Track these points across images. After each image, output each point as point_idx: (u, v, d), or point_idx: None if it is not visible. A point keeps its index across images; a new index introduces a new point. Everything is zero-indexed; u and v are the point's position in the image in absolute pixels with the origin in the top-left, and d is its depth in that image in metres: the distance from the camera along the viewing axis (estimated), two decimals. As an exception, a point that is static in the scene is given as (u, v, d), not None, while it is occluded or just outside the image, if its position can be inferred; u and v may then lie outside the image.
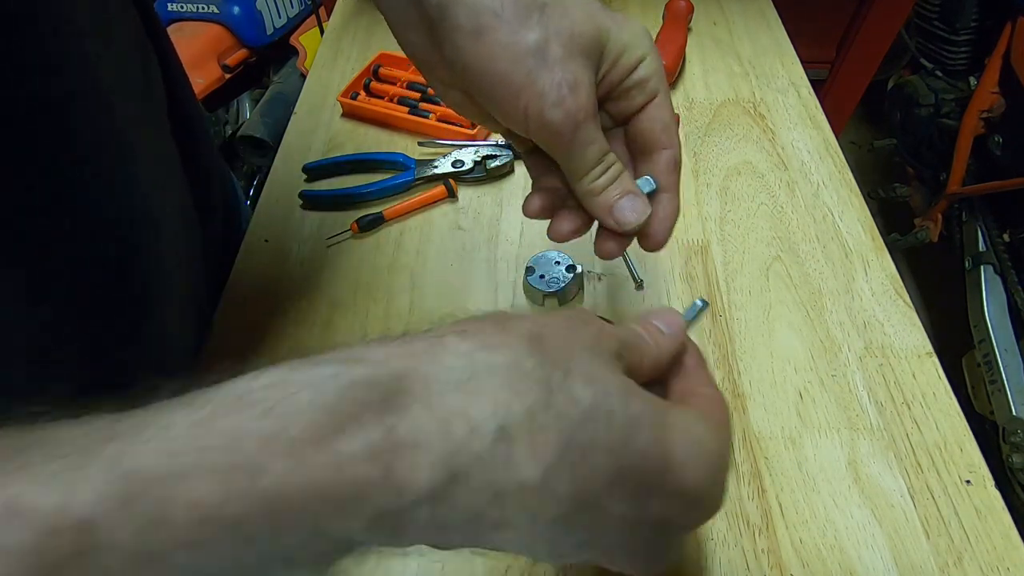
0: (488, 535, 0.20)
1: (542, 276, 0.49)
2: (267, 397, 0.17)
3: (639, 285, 0.51)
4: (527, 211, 0.34)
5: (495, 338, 0.20)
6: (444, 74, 0.31)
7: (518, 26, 0.27)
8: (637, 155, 0.33)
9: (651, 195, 0.32)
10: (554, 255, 0.50)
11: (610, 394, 0.21)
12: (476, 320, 0.22)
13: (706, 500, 0.22)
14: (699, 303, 0.31)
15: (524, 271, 0.50)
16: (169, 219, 0.41)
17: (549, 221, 0.34)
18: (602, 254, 0.34)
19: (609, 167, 0.31)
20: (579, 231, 0.34)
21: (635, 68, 0.30)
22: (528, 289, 0.50)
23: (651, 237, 0.33)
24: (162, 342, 0.41)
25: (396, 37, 0.32)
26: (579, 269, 0.49)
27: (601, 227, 0.33)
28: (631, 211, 0.31)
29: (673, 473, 0.21)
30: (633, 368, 0.24)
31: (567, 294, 0.49)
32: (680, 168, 0.32)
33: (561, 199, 0.34)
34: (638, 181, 0.32)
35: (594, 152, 0.30)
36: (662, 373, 0.27)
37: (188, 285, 0.44)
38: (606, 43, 0.29)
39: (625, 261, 0.51)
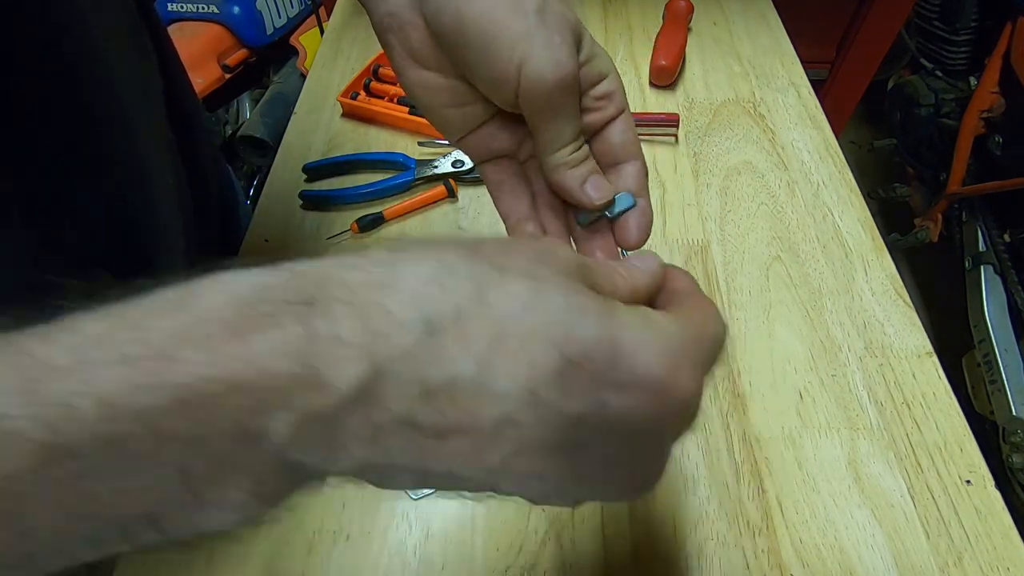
0: (433, 450, 0.19)
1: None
2: (181, 296, 0.17)
3: None
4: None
5: (423, 250, 0.20)
6: (422, 40, 0.29)
7: None
8: (605, 167, 0.32)
9: (626, 211, 0.32)
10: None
11: (548, 289, 0.19)
12: (411, 239, 0.21)
13: (673, 393, 0.20)
14: (626, 197, 0.31)
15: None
16: (163, 216, 0.41)
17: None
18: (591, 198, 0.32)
19: (582, 146, 0.30)
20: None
21: (601, 79, 0.30)
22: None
23: (632, 234, 0.32)
24: None
25: (370, 11, 0.31)
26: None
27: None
28: (601, 187, 0.31)
29: (625, 361, 0.19)
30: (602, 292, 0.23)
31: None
32: (646, 174, 0.32)
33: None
34: (618, 196, 0.31)
35: (575, 127, 0.30)
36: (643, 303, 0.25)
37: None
38: (582, 38, 0.29)
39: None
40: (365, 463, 0.19)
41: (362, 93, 0.67)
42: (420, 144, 0.63)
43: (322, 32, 0.82)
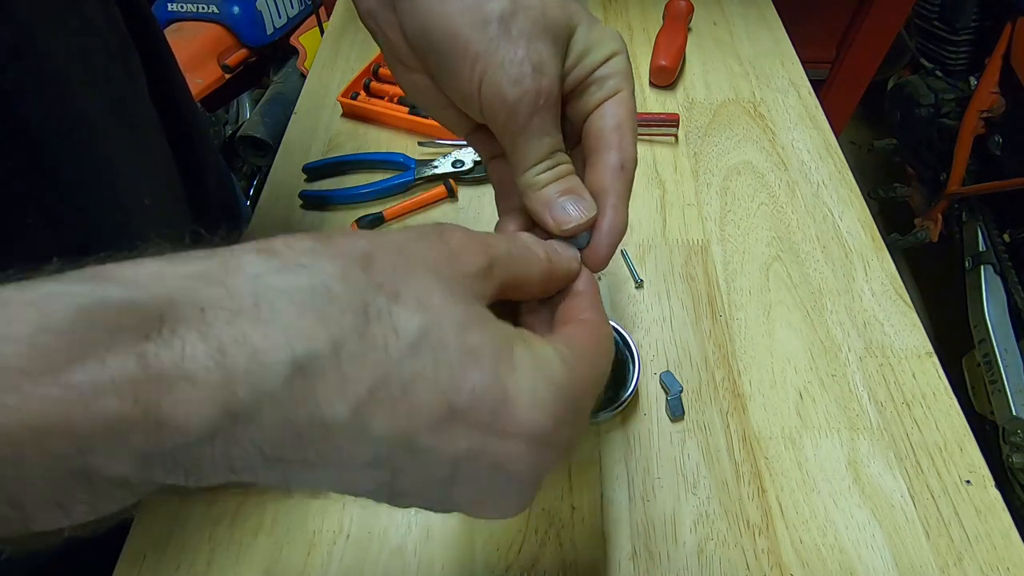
0: (302, 475, 0.18)
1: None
2: None
3: (639, 284, 0.51)
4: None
5: (306, 257, 0.18)
6: (401, 42, 0.28)
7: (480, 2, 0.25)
8: (586, 159, 0.29)
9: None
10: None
11: (443, 324, 0.18)
12: (294, 236, 0.19)
13: (554, 443, 0.20)
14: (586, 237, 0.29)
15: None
16: (152, 220, 0.41)
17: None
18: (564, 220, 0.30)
19: (558, 164, 0.28)
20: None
21: (601, 64, 0.28)
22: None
23: (591, 251, 0.28)
24: None
25: (356, 5, 0.30)
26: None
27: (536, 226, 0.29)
28: (572, 210, 0.27)
29: (512, 412, 0.19)
30: (516, 284, 0.23)
31: (567, 294, 0.49)
32: (630, 175, 0.28)
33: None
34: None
35: (545, 145, 0.27)
36: (554, 291, 0.25)
37: None
38: (573, 34, 0.27)
39: (624, 260, 0.51)
40: (227, 480, 0.17)
41: (362, 93, 0.67)
42: (420, 144, 0.63)
43: (322, 32, 0.83)
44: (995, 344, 1.20)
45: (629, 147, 0.28)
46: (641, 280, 0.51)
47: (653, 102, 0.67)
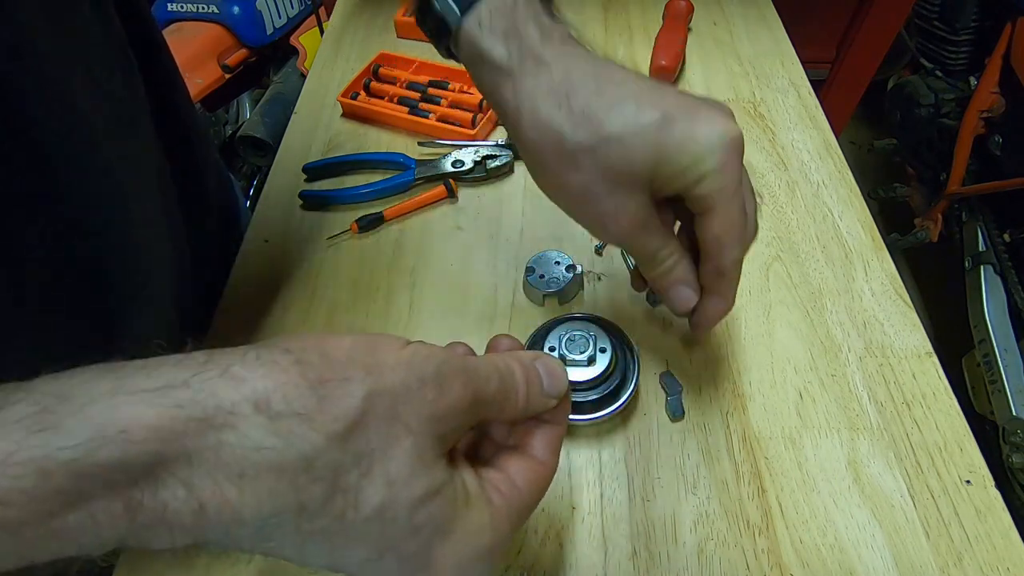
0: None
1: (542, 276, 0.49)
2: None
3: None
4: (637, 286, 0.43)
5: (299, 424, 0.20)
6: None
7: (564, 170, 0.32)
8: (703, 256, 0.35)
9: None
10: (554, 255, 0.50)
11: (401, 504, 0.21)
12: (295, 378, 0.21)
13: None
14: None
15: (524, 271, 0.50)
16: (148, 221, 0.41)
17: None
18: (694, 331, 0.39)
19: (664, 261, 0.35)
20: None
21: (694, 186, 0.32)
22: (528, 289, 0.50)
23: (694, 327, 0.38)
24: (136, 342, 0.41)
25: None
26: (579, 269, 0.49)
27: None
28: (678, 300, 0.36)
29: (431, 572, 0.23)
30: (489, 417, 0.26)
31: (567, 294, 0.49)
32: (728, 275, 0.35)
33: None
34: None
35: (649, 251, 0.35)
36: (523, 419, 0.28)
37: (167, 286, 0.44)
38: (660, 167, 0.31)
39: (625, 261, 0.51)
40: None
41: (362, 93, 0.67)
42: (420, 144, 0.63)
43: (322, 32, 0.82)
44: (995, 344, 1.20)
45: (728, 256, 0.34)
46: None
47: (653, 102, 0.67)
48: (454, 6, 0.33)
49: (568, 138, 0.31)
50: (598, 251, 0.53)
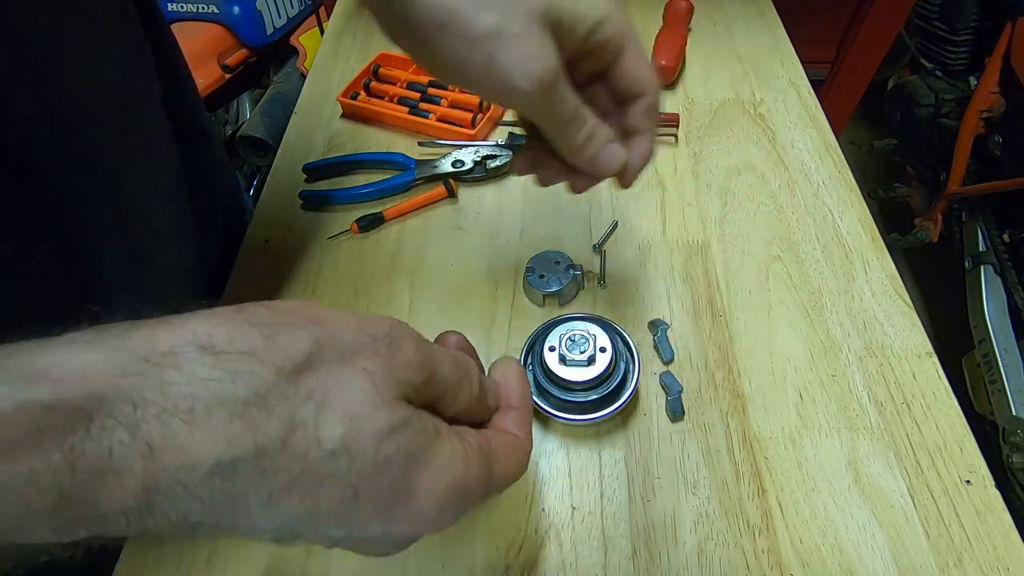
0: (209, 534, 0.20)
1: (542, 276, 0.49)
2: None
3: (603, 285, 0.51)
4: (516, 171, 0.39)
5: (246, 363, 0.19)
6: (433, 68, 0.32)
7: (474, 13, 0.29)
8: (619, 104, 0.35)
9: None
10: (554, 255, 0.50)
11: (364, 436, 0.20)
12: (238, 323, 0.20)
13: (438, 523, 0.23)
14: None
15: (524, 271, 0.50)
16: (161, 225, 0.41)
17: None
18: (575, 190, 0.38)
19: (584, 123, 0.33)
20: (560, 176, 0.37)
21: (593, 32, 0.31)
22: (528, 289, 0.50)
23: (623, 177, 0.36)
24: None
25: (390, 40, 0.33)
26: (579, 269, 0.49)
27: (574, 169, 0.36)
28: (609, 160, 0.35)
29: (410, 504, 0.22)
30: (443, 400, 0.25)
31: (567, 294, 0.49)
32: (656, 112, 0.35)
33: (542, 158, 0.37)
34: None
35: (568, 110, 0.32)
36: (477, 416, 0.28)
37: (175, 286, 0.44)
38: (561, 14, 0.30)
39: (601, 262, 0.51)
40: (135, 535, 0.19)
41: (362, 93, 0.67)
42: (420, 144, 0.63)
43: (322, 32, 0.83)
44: (995, 344, 1.20)
45: (652, 91, 0.34)
46: (605, 284, 0.51)
47: (653, 102, 0.67)
48: None
49: None
50: (596, 249, 0.53)
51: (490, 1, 0.29)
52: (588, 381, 0.41)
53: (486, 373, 0.29)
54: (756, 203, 0.57)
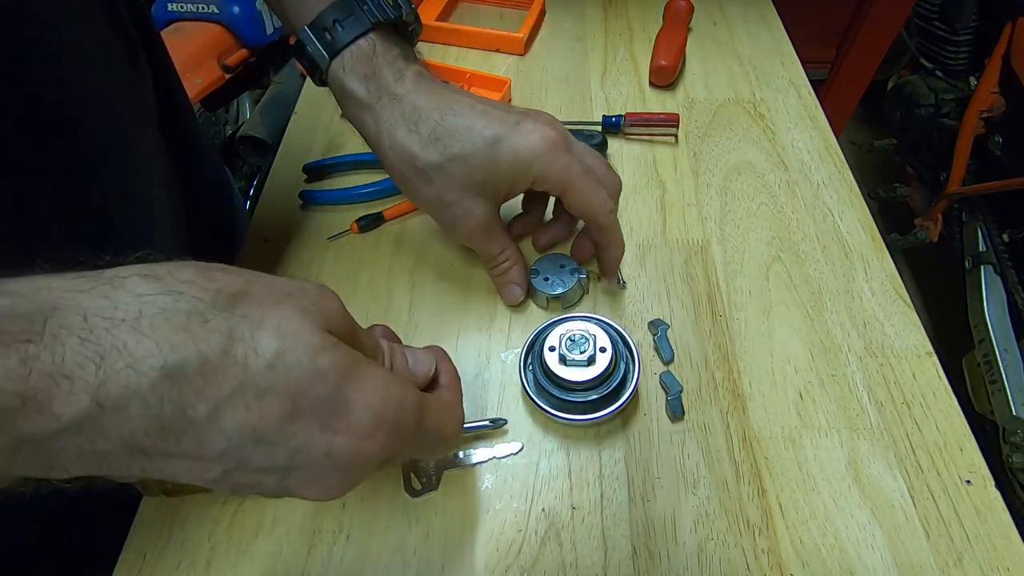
0: (155, 465, 0.21)
1: (547, 279, 0.49)
2: None
3: (622, 286, 0.51)
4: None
5: (185, 286, 0.21)
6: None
7: (420, 184, 0.41)
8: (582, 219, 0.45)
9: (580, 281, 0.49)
10: (559, 258, 0.50)
11: (298, 348, 0.22)
12: (177, 265, 0.22)
13: (378, 439, 0.24)
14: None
15: (528, 273, 0.50)
16: (151, 221, 0.41)
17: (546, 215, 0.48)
18: (507, 300, 0.49)
19: (499, 264, 0.46)
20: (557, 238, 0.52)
21: (535, 184, 0.41)
22: (532, 291, 0.50)
23: (603, 274, 0.50)
24: None
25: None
26: (584, 273, 0.49)
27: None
28: (508, 295, 0.48)
29: (347, 415, 0.23)
30: None
31: (571, 297, 0.49)
32: (608, 228, 0.44)
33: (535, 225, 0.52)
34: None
35: (490, 253, 0.45)
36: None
37: None
38: (499, 177, 0.40)
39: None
40: (82, 472, 0.20)
41: (362, 93, 0.67)
42: (420, 144, 0.63)
43: (322, 32, 0.82)
44: (995, 344, 1.20)
45: (600, 214, 0.42)
46: (624, 283, 0.51)
47: (653, 102, 0.67)
48: (323, 51, 0.40)
49: (420, 158, 0.39)
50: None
51: (434, 176, 0.40)
52: (588, 381, 0.41)
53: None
54: (756, 203, 0.57)
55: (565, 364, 0.41)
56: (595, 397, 0.41)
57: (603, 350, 0.41)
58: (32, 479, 0.19)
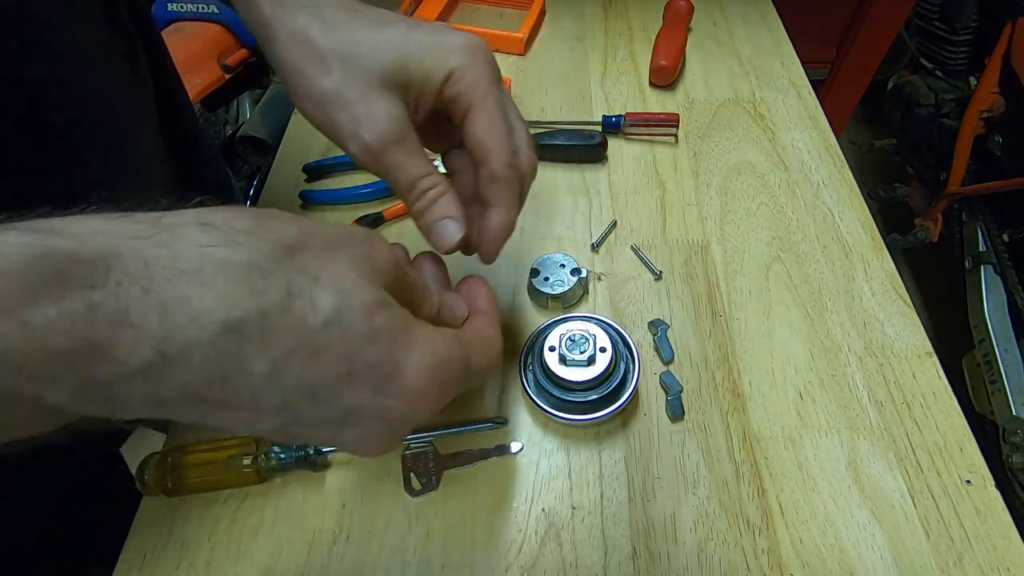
0: (214, 414, 0.21)
1: (547, 278, 0.49)
2: None
3: (658, 277, 0.51)
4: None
5: (243, 237, 0.21)
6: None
7: (317, 73, 0.32)
8: (476, 167, 0.34)
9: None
10: (559, 258, 0.50)
11: (353, 308, 0.22)
12: (232, 212, 0.22)
13: (427, 401, 0.24)
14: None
15: (529, 273, 0.50)
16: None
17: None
18: (440, 243, 0.35)
19: (424, 192, 0.33)
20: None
21: (445, 84, 0.32)
22: (532, 291, 0.50)
23: (480, 252, 0.36)
24: None
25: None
26: (584, 272, 0.49)
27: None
28: (440, 236, 0.34)
29: (400, 379, 0.23)
30: (409, 306, 0.26)
31: (571, 297, 0.49)
32: (502, 180, 0.33)
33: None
34: None
35: (405, 176, 0.33)
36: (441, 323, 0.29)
37: None
38: (407, 74, 0.32)
39: (638, 256, 0.52)
40: (142, 415, 0.20)
41: (362, 93, 0.67)
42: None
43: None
44: (995, 344, 1.20)
45: (499, 155, 0.33)
46: (660, 272, 0.51)
47: (653, 102, 0.67)
48: None
49: (318, 42, 0.32)
50: (594, 248, 0.53)
51: (334, 64, 0.32)
52: (588, 381, 0.41)
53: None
54: (756, 203, 0.57)
55: (565, 364, 0.41)
56: (595, 397, 0.41)
57: (603, 350, 0.41)
58: (98, 418, 0.20)
